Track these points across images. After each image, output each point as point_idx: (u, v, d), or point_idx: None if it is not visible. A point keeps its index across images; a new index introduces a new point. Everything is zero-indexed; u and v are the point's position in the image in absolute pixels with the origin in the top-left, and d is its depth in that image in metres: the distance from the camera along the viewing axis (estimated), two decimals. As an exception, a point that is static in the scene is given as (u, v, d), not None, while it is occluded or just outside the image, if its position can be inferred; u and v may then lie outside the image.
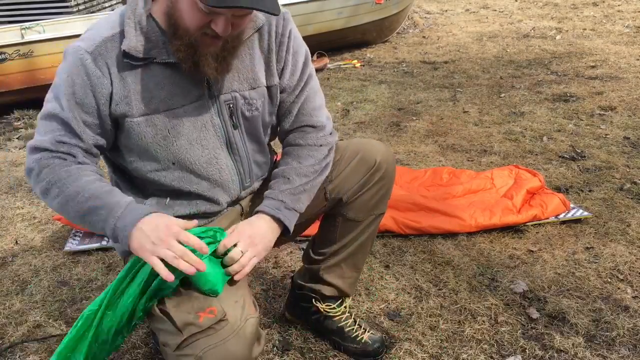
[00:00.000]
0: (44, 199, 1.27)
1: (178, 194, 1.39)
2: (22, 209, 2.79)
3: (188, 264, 1.14)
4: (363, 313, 1.89)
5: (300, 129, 1.46)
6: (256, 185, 1.52)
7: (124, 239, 1.18)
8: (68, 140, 1.25)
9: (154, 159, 1.33)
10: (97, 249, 2.33)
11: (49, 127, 1.26)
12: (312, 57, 1.47)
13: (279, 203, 1.36)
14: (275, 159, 1.60)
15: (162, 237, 1.15)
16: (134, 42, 1.23)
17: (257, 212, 1.36)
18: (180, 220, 1.22)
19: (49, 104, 1.27)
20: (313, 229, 1.69)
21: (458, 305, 1.90)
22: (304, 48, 1.45)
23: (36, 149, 1.26)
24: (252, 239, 1.28)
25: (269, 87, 1.41)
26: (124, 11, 1.26)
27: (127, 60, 1.24)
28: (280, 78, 1.42)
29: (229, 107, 1.36)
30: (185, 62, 1.23)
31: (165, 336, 1.25)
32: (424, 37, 6.49)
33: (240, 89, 1.36)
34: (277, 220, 1.35)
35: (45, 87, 1.37)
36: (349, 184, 1.51)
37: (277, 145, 1.56)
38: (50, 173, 1.23)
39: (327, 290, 1.67)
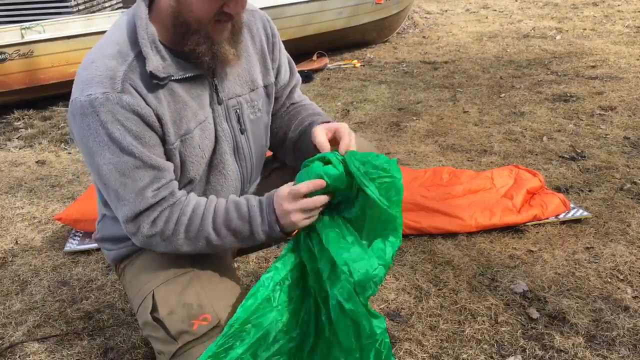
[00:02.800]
0: (185, 249, 1.26)
1: None
2: (22, 209, 2.79)
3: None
4: (363, 313, 1.89)
5: (292, 105, 1.56)
6: (251, 189, 1.53)
7: (277, 228, 1.23)
8: (158, 183, 1.22)
9: (184, 178, 1.32)
10: (97, 249, 2.33)
11: (131, 187, 1.20)
12: (312, 57, 1.50)
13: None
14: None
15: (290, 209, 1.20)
16: (155, 63, 1.19)
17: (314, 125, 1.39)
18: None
19: (112, 172, 1.19)
20: None
21: (458, 305, 1.90)
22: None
23: (139, 215, 1.22)
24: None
25: (265, 87, 1.45)
26: (130, 34, 1.21)
27: (155, 82, 1.20)
28: (277, 77, 1.48)
29: (236, 112, 1.37)
30: (206, 55, 1.22)
31: (160, 344, 1.25)
32: (424, 37, 6.49)
33: (243, 93, 1.38)
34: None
35: (45, 87, 1.34)
36: None
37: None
38: (177, 226, 1.23)
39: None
